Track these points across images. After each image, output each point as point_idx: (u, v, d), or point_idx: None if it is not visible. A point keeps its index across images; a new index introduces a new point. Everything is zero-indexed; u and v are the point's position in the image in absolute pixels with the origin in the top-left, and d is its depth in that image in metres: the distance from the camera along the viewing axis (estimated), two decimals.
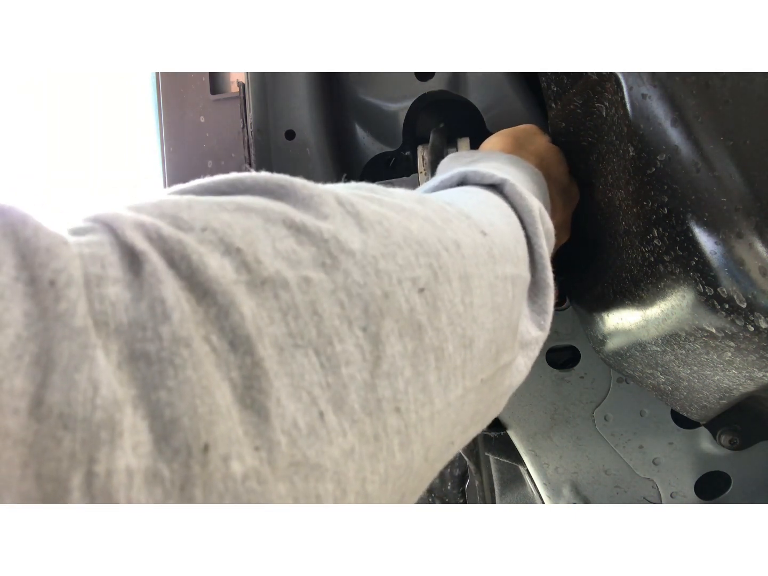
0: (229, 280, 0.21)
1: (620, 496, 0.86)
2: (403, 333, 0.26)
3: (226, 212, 0.24)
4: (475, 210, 0.35)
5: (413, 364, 0.26)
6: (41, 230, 0.19)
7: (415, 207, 0.31)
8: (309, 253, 0.24)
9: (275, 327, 0.22)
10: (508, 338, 0.35)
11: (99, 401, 0.17)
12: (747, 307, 0.41)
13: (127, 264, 0.20)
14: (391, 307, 0.25)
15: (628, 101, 0.45)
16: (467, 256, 0.30)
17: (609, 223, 0.55)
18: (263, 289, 0.22)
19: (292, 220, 0.25)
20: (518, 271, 0.36)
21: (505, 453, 0.91)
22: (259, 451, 0.20)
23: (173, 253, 0.21)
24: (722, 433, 0.66)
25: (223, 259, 0.22)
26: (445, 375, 0.28)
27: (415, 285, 0.27)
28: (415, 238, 0.28)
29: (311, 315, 0.23)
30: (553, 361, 0.82)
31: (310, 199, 0.26)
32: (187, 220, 0.22)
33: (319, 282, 0.24)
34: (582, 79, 0.51)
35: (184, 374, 0.19)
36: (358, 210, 0.27)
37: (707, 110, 0.40)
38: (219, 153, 0.76)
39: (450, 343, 0.28)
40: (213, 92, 0.77)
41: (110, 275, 0.19)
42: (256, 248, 0.23)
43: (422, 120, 0.75)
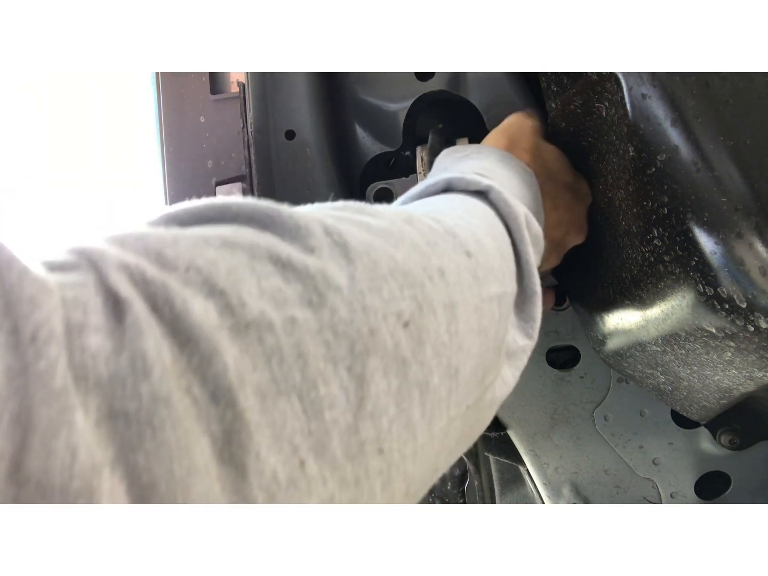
0: (213, 326, 0.21)
1: (620, 496, 0.86)
2: (387, 370, 0.25)
3: (212, 249, 0.23)
4: (461, 224, 0.35)
5: (397, 401, 0.25)
6: (26, 276, 0.19)
7: (404, 229, 0.30)
8: (295, 291, 0.24)
9: (258, 373, 0.22)
10: (494, 358, 0.35)
11: (77, 468, 0.17)
12: (747, 307, 0.41)
13: (110, 310, 0.20)
14: (377, 345, 0.25)
15: (628, 101, 0.45)
16: (452, 284, 0.30)
17: (609, 223, 0.55)
18: (247, 334, 0.22)
19: (278, 256, 0.24)
20: (504, 288, 0.36)
21: (505, 453, 0.91)
22: None
23: (157, 297, 0.21)
24: (722, 433, 0.66)
25: (207, 302, 0.22)
26: (429, 409, 0.27)
27: (399, 319, 0.26)
28: (400, 269, 0.28)
29: (296, 358, 0.23)
30: (553, 361, 0.82)
31: (296, 231, 0.26)
32: (171, 258, 0.22)
33: (305, 321, 0.23)
34: (582, 79, 0.51)
35: (163, 436, 0.19)
36: (346, 240, 0.27)
37: (707, 110, 0.40)
38: (219, 153, 0.76)
39: (435, 375, 0.28)
40: (213, 92, 0.77)
41: (92, 323, 0.19)
42: (240, 289, 0.22)
43: (422, 120, 0.75)
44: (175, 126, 0.77)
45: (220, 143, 0.76)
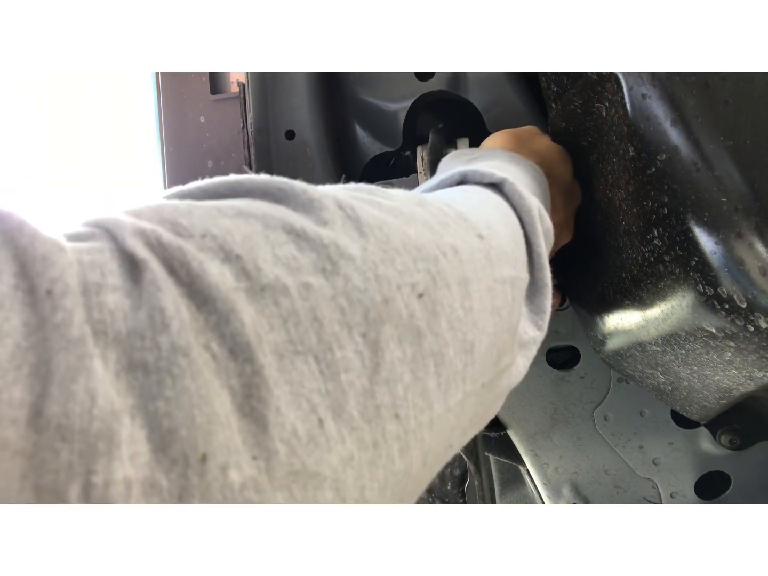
0: (229, 287, 0.21)
1: (620, 496, 0.86)
2: (402, 339, 0.25)
3: (227, 218, 0.24)
4: (473, 211, 0.35)
5: (412, 369, 0.26)
6: (38, 237, 0.19)
7: (414, 210, 0.30)
8: (309, 259, 0.24)
9: (275, 334, 0.22)
10: (509, 341, 0.35)
11: (96, 412, 0.17)
12: (747, 307, 0.41)
13: (127, 272, 0.20)
14: (391, 313, 0.25)
15: (628, 101, 0.45)
16: (465, 261, 0.30)
17: (609, 223, 0.55)
18: (263, 296, 0.22)
19: (291, 226, 0.25)
20: (516, 272, 0.36)
21: (505, 453, 0.91)
22: (257, 460, 0.20)
23: (173, 260, 0.21)
24: (722, 433, 0.66)
25: (223, 266, 0.22)
26: (445, 380, 0.27)
27: (414, 290, 0.26)
28: (413, 243, 0.28)
29: (311, 321, 0.23)
30: (553, 361, 0.82)
31: (310, 204, 0.26)
32: (187, 226, 0.22)
33: (320, 288, 0.24)
34: (582, 79, 0.51)
35: (182, 384, 0.19)
36: (358, 215, 0.27)
37: (707, 110, 0.40)
38: (219, 153, 0.76)
39: (450, 348, 0.28)
40: (213, 92, 0.77)
41: (109, 283, 0.19)
42: (255, 255, 0.23)
43: (422, 120, 0.75)
44: (175, 126, 0.77)
45: (220, 143, 0.76)
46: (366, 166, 0.77)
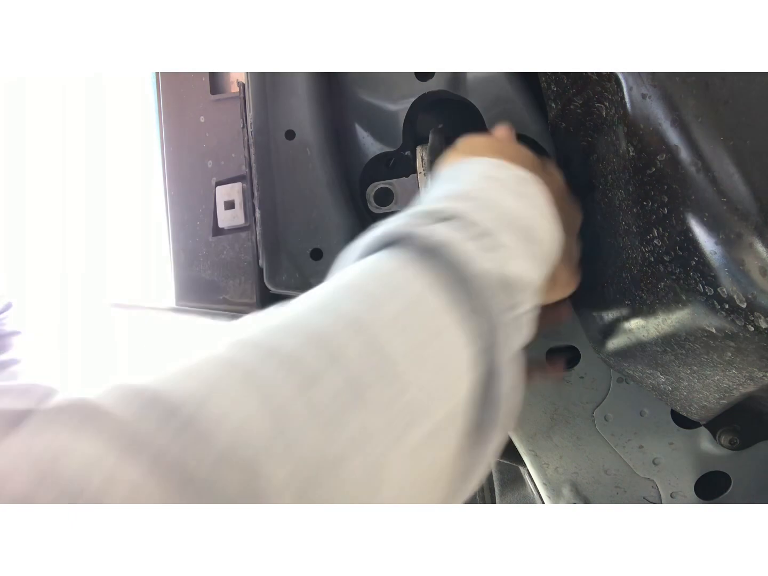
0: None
1: (620, 496, 0.86)
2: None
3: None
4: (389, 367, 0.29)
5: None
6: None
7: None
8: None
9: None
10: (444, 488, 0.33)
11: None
12: (747, 307, 0.41)
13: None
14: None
15: (628, 101, 0.45)
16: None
17: (609, 223, 0.55)
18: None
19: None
20: (440, 416, 0.31)
21: (505, 453, 0.91)
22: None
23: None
24: (722, 433, 0.66)
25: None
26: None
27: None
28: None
29: None
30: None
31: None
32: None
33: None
34: (582, 79, 0.51)
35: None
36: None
37: (707, 110, 0.40)
38: (219, 153, 0.76)
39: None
40: (213, 92, 0.77)
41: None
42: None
43: (422, 120, 0.75)
44: (175, 126, 0.77)
45: (220, 143, 0.76)
46: (366, 166, 0.77)
